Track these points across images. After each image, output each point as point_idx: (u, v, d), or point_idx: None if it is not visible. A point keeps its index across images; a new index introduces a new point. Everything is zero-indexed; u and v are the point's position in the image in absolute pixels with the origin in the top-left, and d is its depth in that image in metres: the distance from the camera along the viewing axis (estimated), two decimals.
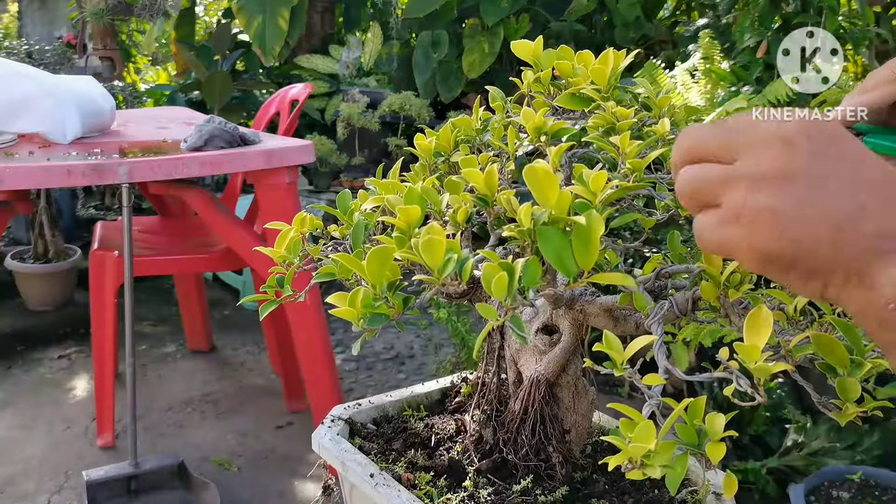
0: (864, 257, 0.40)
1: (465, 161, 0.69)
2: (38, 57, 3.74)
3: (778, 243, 0.42)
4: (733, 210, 0.43)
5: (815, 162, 0.42)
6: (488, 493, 0.72)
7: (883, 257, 0.40)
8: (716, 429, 0.52)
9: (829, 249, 0.41)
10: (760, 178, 0.42)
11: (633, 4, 3.72)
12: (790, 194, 0.41)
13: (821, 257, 0.41)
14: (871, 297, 0.40)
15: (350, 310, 0.56)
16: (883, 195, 0.41)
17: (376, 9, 5.05)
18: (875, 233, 0.40)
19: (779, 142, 0.42)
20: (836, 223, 0.40)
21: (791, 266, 0.42)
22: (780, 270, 0.43)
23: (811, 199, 0.41)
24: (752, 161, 0.43)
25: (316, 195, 3.99)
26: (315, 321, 1.91)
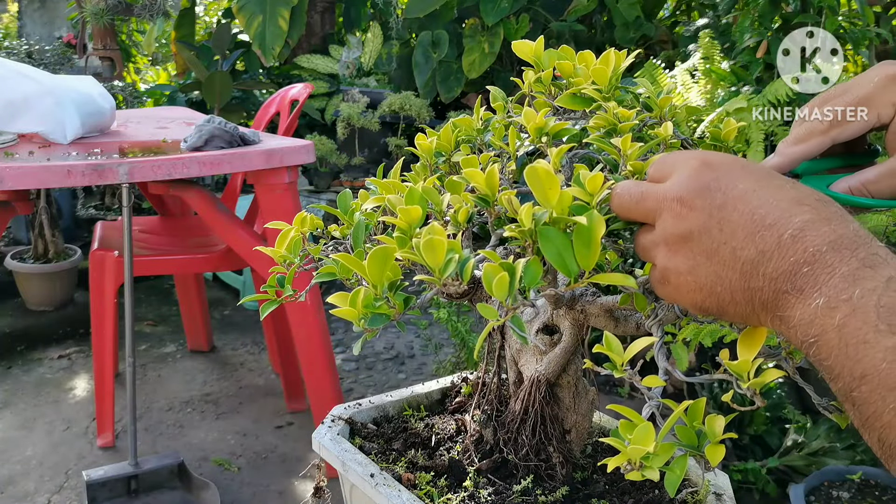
0: (772, 300, 0.42)
1: (465, 161, 0.69)
2: (38, 57, 3.74)
3: (700, 299, 0.46)
4: (661, 272, 0.48)
5: (710, 217, 0.44)
6: (488, 493, 0.72)
7: (785, 299, 0.41)
8: (715, 430, 0.52)
9: (743, 296, 0.43)
10: (671, 242, 0.46)
11: (633, 4, 3.72)
12: (696, 252, 0.45)
13: (740, 304, 0.44)
14: (793, 337, 0.42)
15: (351, 310, 0.56)
16: (776, 236, 0.42)
17: (376, 9, 5.05)
18: (773, 275, 0.42)
19: (676, 204, 0.46)
20: (742, 272, 0.43)
21: (721, 314, 0.46)
22: (717, 316, 0.47)
23: (715, 254, 0.44)
24: (661, 226, 0.47)
25: (316, 195, 3.99)
26: (315, 321, 1.91)
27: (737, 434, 0.63)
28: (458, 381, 0.94)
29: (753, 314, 0.44)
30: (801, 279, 0.41)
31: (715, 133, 0.71)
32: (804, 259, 0.41)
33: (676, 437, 0.53)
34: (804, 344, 0.41)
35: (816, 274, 0.40)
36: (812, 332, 0.40)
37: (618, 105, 0.67)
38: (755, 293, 0.43)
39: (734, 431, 0.52)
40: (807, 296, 0.40)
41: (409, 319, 2.59)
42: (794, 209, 0.43)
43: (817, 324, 0.40)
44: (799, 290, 0.41)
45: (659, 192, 0.47)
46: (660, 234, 0.47)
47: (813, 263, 0.41)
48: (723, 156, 0.47)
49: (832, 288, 0.39)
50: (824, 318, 0.39)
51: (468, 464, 0.76)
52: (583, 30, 3.86)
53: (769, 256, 0.42)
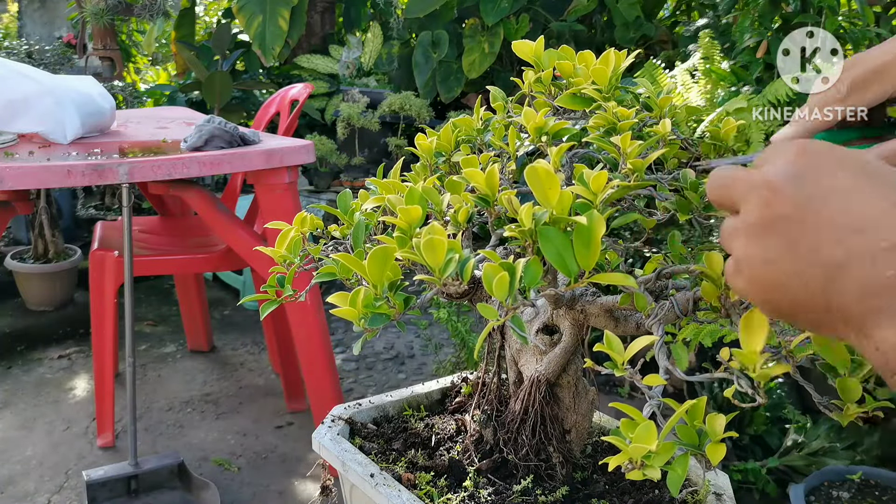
0: (858, 313, 0.38)
1: (465, 161, 0.69)
2: (38, 57, 3.74)
3: (771, 295, 0.42)
4: (735, 263, 0.43)
5: (797, 207, 0.40)
6: (488, 493, 0.72)
7: (876, 317, 0.37)
8: (716, 429, 0.52)
9: (821, 300, 0.39)
10: (751, 230, 0.42)
11: (633, 4, 3.72)
12: (776, 244, 0.41)
13: (816, 309, 0.40)
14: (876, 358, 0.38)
15: (351, 310, 0.56)
16: (869, 242, 0.38)
17: (376, 9, 5.05)
18: (861, 283, 0.38)
19: (765, 189, 0.42)
20: (823, 274, 0.39)
21: (794, 314, 0.41)
22: (789, 318, 0.42)
23: (795, 248, 0.40)
24: (745, 212, 0.43)
25: (316, 195, 3.99)
26: (315, 321, 1.91)
27: (737, 434, 0.63)
28: (458, 381, 0.94)
29: (831, 324, 0.40)
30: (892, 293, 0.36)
31: (715, 132, 0.71)
32: None
33: (677, 437, 0.53)
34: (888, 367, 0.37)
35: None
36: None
37: (617, 105, 0.67)
38: (834, 298, 0.38)
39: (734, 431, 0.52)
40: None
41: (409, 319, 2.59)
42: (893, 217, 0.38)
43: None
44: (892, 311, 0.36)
45: (750, 177, 0.43)
46: (742, 220, 0.43)
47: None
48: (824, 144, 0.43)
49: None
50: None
51: (468, 464, 0.76)
52: (583, 30, 3.86)
53: (859, 262, 0.38)
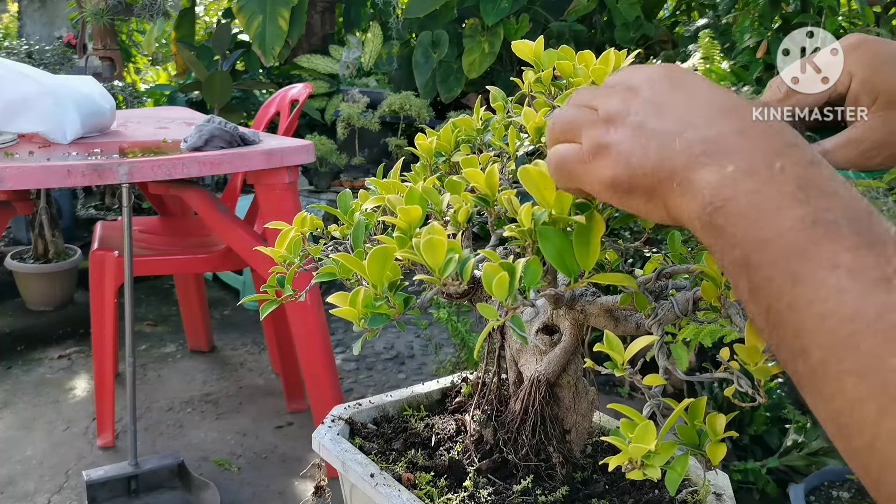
0: (684, 166, 0.41)
1: (465, 161, 0.69)
2: (38, 57, 3.74)
3: (615, 173, 0.45)
4: (588, 149, 0.47)
5: (652, 99, 0.45)
6: (488, 493, 0.72)
7: (700, 162, 0.41)
8: (716, 429, 0.52)
9: (655, 164, 0.43)
10: (608, 119, 0.46)
11: (634, 4, 3.72)
12: (628, 126, 0.45)
13: (650, 174, 0.43)
14: (693, 203, 0.41)
15: (351, 310, 0.56)
16: (708, 112, 0.42)
17: (376, 9, 5.05)
18: (692, 141, 0.41)
19: (625, 89, 0.47)
20: (661, 140, 0.43)
21: (631, 189, 0.45)
22: (626, 195, 0.45)
23: (643, 126, 0.44)
24: (605, 105, 0.47)
25: (316, 195, 3.99)
26: (315, 321, 1.91)
27: (737, 434, 0.63)
28: (458, 381, 0.94)
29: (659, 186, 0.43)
30: (720, 144, 0.40)
31: None
32: (729, 129, 0.41)
33: (677, 436, 0.53)
34: (707, 209, 0.40)
35: (738, 143, 0.40)
36: (721, 195, 0.39)
37: None
38: (667, 161, 0.42)
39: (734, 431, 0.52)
40: (724, 161, 0.40)
41: (409, 319, 2.60)
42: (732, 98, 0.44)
43: (728, 186, 0.39)
44: (716, 154, 0.40)
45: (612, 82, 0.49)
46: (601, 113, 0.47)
47: (737, 134, 0.41)
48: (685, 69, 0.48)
49: (754, 157, 0.39)
50: (739, 182, 0.39)
51: (468, 464, 0.76)
52: (583, 30, 3.86)
53: (695, 126, 0.42)
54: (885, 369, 0.32)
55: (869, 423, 0.32)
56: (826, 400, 0.34)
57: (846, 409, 0.33)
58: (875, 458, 0.32)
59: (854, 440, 0.33)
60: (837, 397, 0.33)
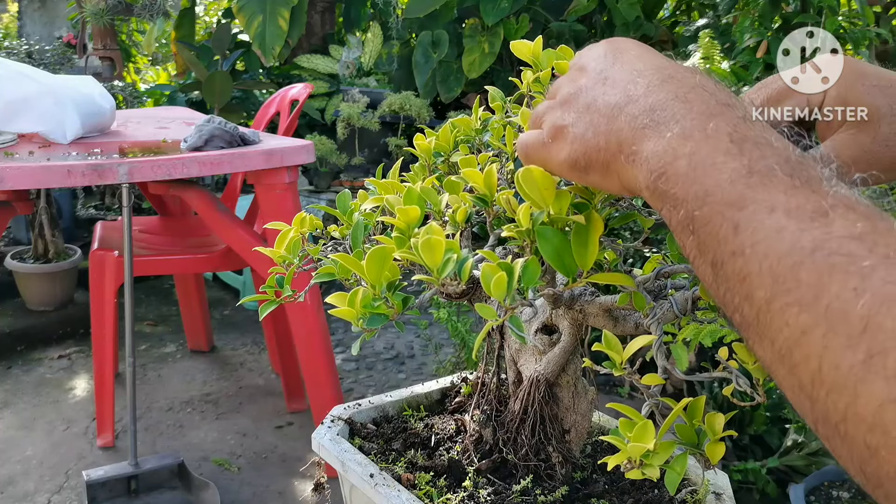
0: (630, 139, 0.43)
1: (464, 161, 0.69)
2: (38, 57, 3.74)
3: (572, 151, 0.47)
4: (548, 132, 0.50)
5: (598, 74, 0.48)
6: (488, 493, 0.72)
7: (642, 133, 0.43)
8: (715, 428, 0.52)
9: (606, 139, 0.45)
10: (562, 102, 0.49)
11: (633, 4, 3.72)
12: (580, 106, 0.47)
13: (601, 148, 0.45)
14: (641, 173, 0.43)
15: (350, 310, 0.56)
16: (647, 83, 0.44)
17: (376, 9, 5.05)
18: (635, 113, 0.43)
19: (574, 69, 0.50)
20: (608, 115, 0.45)
21: (588, 166, 0.47)
22: (584, 173, 0.47)
23: (593, 103, 0.46)
24: (560, 91, 0.50)
25: (316, 195, 3.99)
26: (315, 321, 1.91)
27: (737, 433, 0.63)
28: (458, 381, 0.94)
29: (611, 160, 0.45)
30: (659, 114, 0.42)
31: None
32: (666, 98, 0.43)
33: (676, 436, 0.53)
34: (653, 176, 0.41)
35: (675, 110, 0.42)
36: (663, 161, 0.41)
37: None
38: (614, 134, 0.44)
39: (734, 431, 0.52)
40: (663, 129, 0.42)
41: (409, 319, 2.60)
42: (670, 66, 0.46)
43: (669, 152, 0.41)
44: (656, 124, 0.42)
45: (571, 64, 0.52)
46: (556, 100, 0.50)
47: (674, 100, 0.42)
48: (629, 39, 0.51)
49: (689, 121, 0.41)
50: (677, 147, 0.40)
51: (468, 464, 0.76)
52: (583, 30, 3.86)
53: (636, 99, 0.44)
54: (825, 296, 0.32)
55: (814, 350, 0.32)
56: (772, 339, 0.34)
57: (792, 343, 0.33)
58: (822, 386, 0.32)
59: (801, 372, 0.33)
60: (783, 331, 0.34)
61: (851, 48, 2.39)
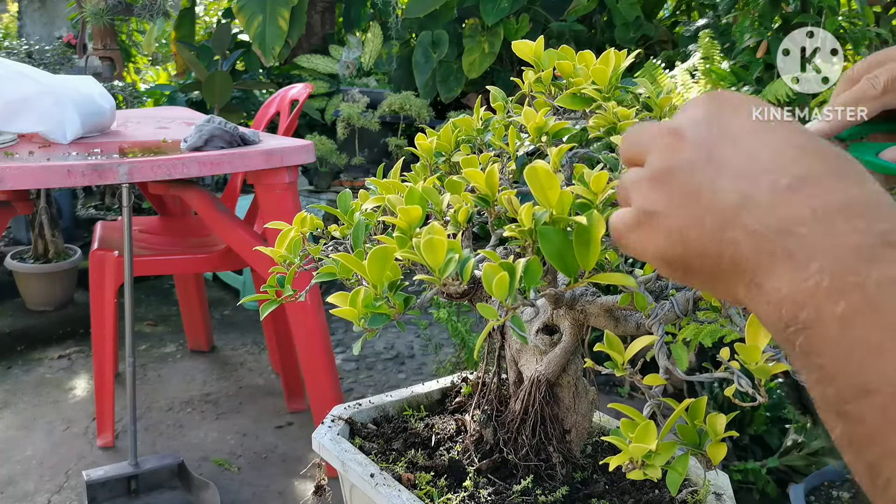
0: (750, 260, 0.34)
1: (465, 161, 0.69)
2: (38, 57, 3.74)
3: (667, 245, 0.38)
4: (636, 214, 0.40)
5: (700, 150, 0.37)
6: (488, 493, 0.72)
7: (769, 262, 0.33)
8: (717, 429, 0.52)
9: (715, 248, 0.35)
10: (653, 178, 0.39)
11: (634, 4, 3.72)
12: (676, 189, 0.37)
13: (709, 257, 0.36)
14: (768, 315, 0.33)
15: (351, 310, 0.56)
16: (770, 181, 0.34)
17: (376, 9, 5.05)
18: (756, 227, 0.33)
19: (670, 135, 0.39)
20: (720, 217, 0.35)
21: (687, 269, 0.38)
22: (682, 274, 0.39)
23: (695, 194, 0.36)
24: (650, 160, 0.40)
25: (316, 195, 3.99)
26: (315, 321, 1.91)
27: (737, 434, 0.63)
28: (458, 381, 0.94)
29: (721, 274, 0.36)
30: (793, 241, 0.32)
31: None
32: (801, 216, 0.32)
33: (678, 436, 0.53)
34: (787, 330, 0.32)
35: (816, 238, 0.31)
36: (803, 317, 0.31)
37: (618, 105, 0.67)
38: (727, 247, 0.34)
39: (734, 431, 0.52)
40: (800, 265, 0.31)
41: (409, 319, 2.59)
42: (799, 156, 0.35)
43: (811, 307, 0.31)
44: (788, 255, 0.32)
45: (658, 126, 0.40)
46: (646, 170, 0.40)
47: (813, 224, 0.32)
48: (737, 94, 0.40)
49: (838, 263, 0.30)
50: (822, 303, 0.30)
51: (468, 464, 0.76)
52: (583, 30, 3.86)
53: (756, 203, 0.34)
54: None
55: None
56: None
57: None
58: None
59: None
60: None
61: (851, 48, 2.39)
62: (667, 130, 0.39)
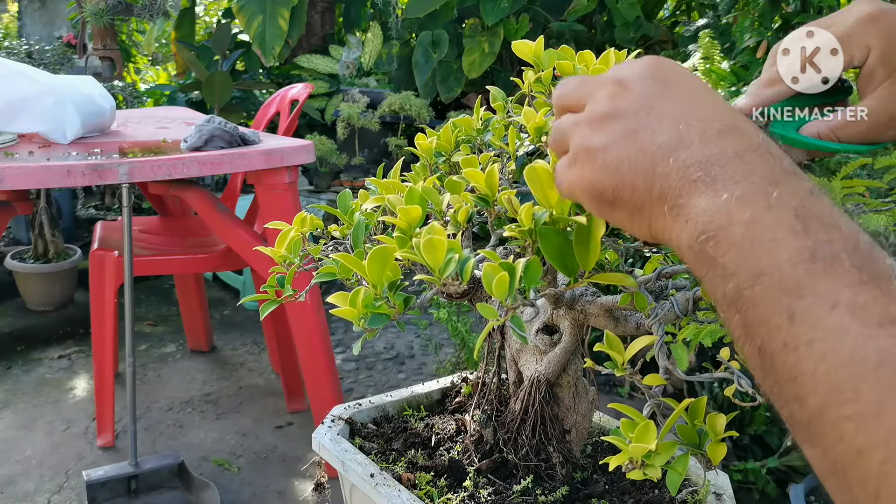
0: (676, 187, 0.39)
1: (465, 161, 0.69)
2: (38, 57, 3.74)
3: (601, 176, 0.43)
4: (573, 152, 0.45)
5: (644, 100, 0.43)
6: (488, 493, 0.72)
7: (693, 186, 0.39)
8: (717, 429, 0.52)
9: (645, 181, 0.41)
10: (595, 120, 0.44)
11: (634, 4, 3.72)
12: (616, 131, 0.43)
13: (639, 189, 0.41)
14: (684, 231, 0.39)
15: (351, 310, 0.56)
16: (702, 128, 0.40)
17: (376, 9, 5.05)
18: (687, 162, 0.39)
19: (613, 84, 0.44)
20: (653, 155, 0.41)
21: (615, 201, 0.43)
22: (608, 207, 0.43)
23: (634, 134, 0.42)
24: (591, 105, 0.45)
25: (316, 195, 3.99)
26: (315, 321, 1.91)
27: (737, 434, 0.63)
28: (458, 381, 0.94)
29: (647, 205, 0.41)
30: (716, 170, 0.38)
31: None
32: (725, 153, 0.39)
33: (677, 436, 0.53)
34: (700, 238, 0.37)
35: (735, 168, 0.38)
36: (715, 224, 0.37)
37: None
38: (658, 179, 0.40)
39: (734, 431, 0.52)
40: (719, 187, 0.38)
41: (409, 319, 2.59)
42: (728, 113, 0.42)
43: (723, 215, 0.37)
44: (711, 180, 0.38)
45: (601, 76, 0.46)
46: (587, 113, 0.45)
47: (734, 158, 0.39)
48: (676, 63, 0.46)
49: (749, 184, 0.37)
50: (733, 211, 0.37)
51: (468, 464, 0.76)
52: (583, 30, 3.86)
53: (688, 144, 0.40)
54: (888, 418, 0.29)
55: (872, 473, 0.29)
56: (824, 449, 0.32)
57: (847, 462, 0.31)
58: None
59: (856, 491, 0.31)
60: (837, 446, 0.31)
61: None
62: (611, 80, 0.45)
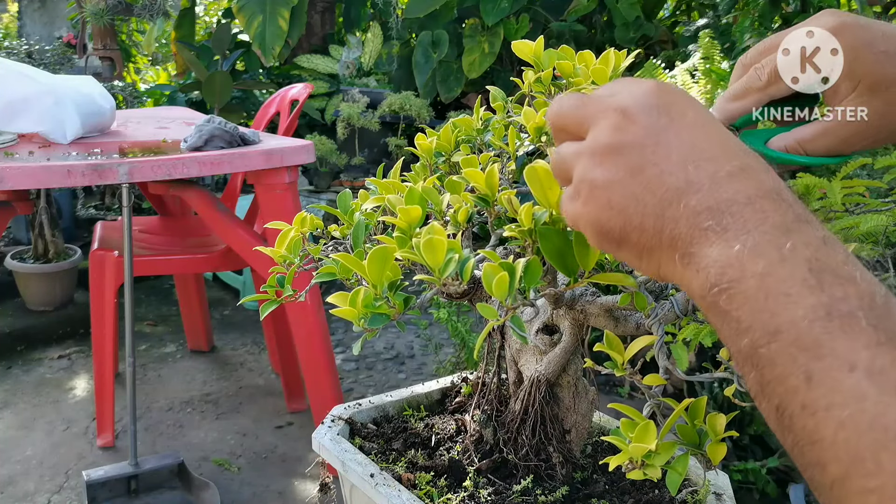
0: (687, 235, 0.38)
1: (465, 161, 0.69)
2: (38, 57, 3.74)
3: (607, 215, 0.42)
4: (576, 185, 0.44)
5: (649, 135, 0.41)
6: (488, 493, 0.72)
7: (704, 235, 0.38)
8: (717, 429, 0.52)
9: (655, 224, 0.40)
10: (598, 152, 0.42)
11: (634, 4, 3.72)
12: (622, 167, 0.41)
13: (648, 231, 0.40)
14: (696, 280, 0.38)
15: (351, 310, 0.56)
16: (712, 170, 0.39)
17: (376, 9, 5.05)
18: (697, 208, 0.38)
19: (616, 114, 0.42)
20: (662, 197, 0.39)
21: (622, 240, 0.42)
22: (615, 245, 0.42)
23: (641, 172, 0.40)
24: (594, 134, 0.43)
25: (316, 195, 3.99)
26: (315, 321, 1.91)
27: (737, 434, 0.63)
28: (458, 381, 0.94)
29: (657, 249, 0.40)
30: (727, 219, 0.37)
31: None
32: (737, 199, 0.38)
33: (677, 436, 0.53)
34: (713, 290, 0.36)
35: (747, 217, 0.37)
36: (728, 277, 0.36)
37: None
38: (668, 224, 0.39)
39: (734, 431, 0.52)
40: (730, 237, 0.37)
41: (409, 319, 2.59)
42: (738, 152, 0.40)
43: (736, 267, 0.36)
44: (722, 230, 0.37)
45: (603, 101, 0.44)
46: (589, 143, 0.43)
47: (746, 205, 0.37)
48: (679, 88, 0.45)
49: (763, 234, 0.36)
50: (746, 263, 0.35)
51: (468, 464, 0.76)
52: (583, 30, 3.86)
53: (698, 188, 0.39)
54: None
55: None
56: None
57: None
58: None
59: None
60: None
61: None
62: (615, 109, 0.43)
